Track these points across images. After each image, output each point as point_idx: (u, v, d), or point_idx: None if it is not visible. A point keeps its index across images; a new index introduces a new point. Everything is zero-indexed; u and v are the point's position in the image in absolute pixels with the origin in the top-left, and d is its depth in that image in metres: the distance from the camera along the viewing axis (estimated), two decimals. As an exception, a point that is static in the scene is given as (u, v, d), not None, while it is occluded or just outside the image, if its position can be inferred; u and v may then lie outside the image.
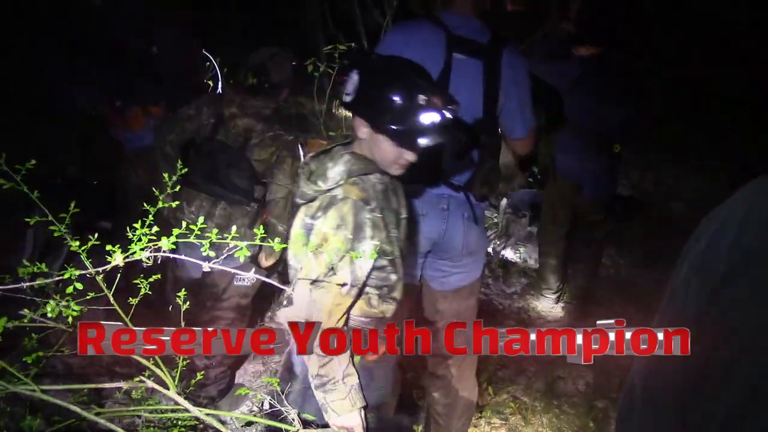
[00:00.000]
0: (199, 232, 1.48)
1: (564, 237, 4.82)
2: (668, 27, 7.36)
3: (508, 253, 5.74)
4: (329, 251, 1.89)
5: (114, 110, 3.65)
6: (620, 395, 1.26)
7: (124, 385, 1.81)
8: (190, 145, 3.16)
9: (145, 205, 1.65)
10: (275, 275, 2.88)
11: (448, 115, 1.95)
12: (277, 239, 1.48)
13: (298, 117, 6.88)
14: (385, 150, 2.00)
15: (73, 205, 1.61)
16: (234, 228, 1.51)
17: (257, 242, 1.45)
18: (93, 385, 1.94)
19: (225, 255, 1.48)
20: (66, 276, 1.46)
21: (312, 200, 2.03)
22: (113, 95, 3.66)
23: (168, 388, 1.73)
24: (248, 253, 1.44)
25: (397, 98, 1.90)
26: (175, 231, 1.49)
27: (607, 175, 4.58)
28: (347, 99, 1.98)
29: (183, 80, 3.44)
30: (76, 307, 1.49)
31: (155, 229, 1.52)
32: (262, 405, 1.98)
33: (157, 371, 1.76)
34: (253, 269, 3.10)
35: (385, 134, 1.96)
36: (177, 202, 3.01)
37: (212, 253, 1.44)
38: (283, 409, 1.81)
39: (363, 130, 2.00)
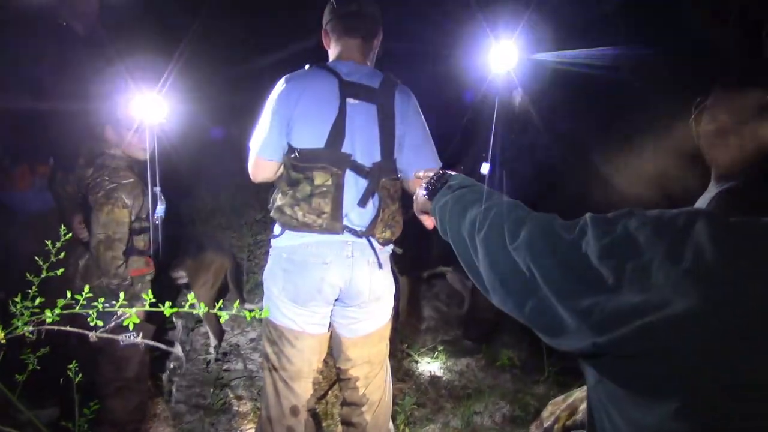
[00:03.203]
0: (84, 301, 1.41)
1: None
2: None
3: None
4: None
5: (1, 169, 3.51)
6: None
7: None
8: None
9: (28, 275, 1.57)
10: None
11: None
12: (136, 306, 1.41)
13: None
14: None
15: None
16: (122, 295, 1.44)
17: (147, 307, 1.39)
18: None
19: (113, 323, 1.41)
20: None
21: None
22: (1, 152, 3.53)
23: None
24: (137, 321, 1.38)
25: None
26: (60, 301, 1.42)
27: None
28: None
29: (73, 136, 3.33)
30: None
31: (39, 300, 1.45)
32: None
33: None
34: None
35: None
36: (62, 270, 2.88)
37: (99, 323, 1.38)
38: None
39: None
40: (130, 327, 1.35)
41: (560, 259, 1.12)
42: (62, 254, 1.65)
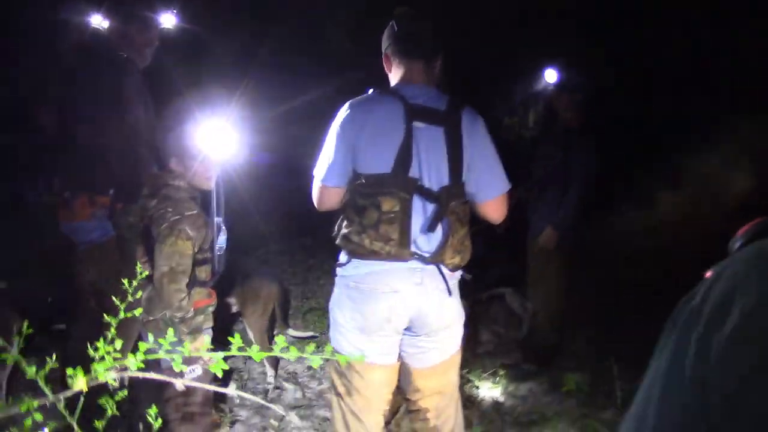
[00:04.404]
0: (168, 346, 1.35)
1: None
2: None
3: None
4: None
5: (62, 201, 3.53)
6: None
7: None
8: None
9: (106, 316, 1.51)
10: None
11: None
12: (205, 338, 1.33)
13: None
14: None
15: (25, 325, 1.46)
16: (206, 339, 1.38)
17: (235, 352, 1.32)
18: None
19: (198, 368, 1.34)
20: (23, 409, 1.31)
21: None
22: (61, 184, 3.55)
23: None
24: (226, 367, 1.32)
25: None
26: (142, 345, 1.35)
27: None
28: None
29: (135, 168, 3.33)
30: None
31: (119, 343, 1.39)
32: None
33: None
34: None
35: None
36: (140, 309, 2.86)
37: (184, 368, 1.31)
38: None
39: None
40: (219, 374, 1.29)
41: None
42: (139, 293, 1.59)
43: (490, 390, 4.58)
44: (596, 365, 4.64)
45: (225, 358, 1.36)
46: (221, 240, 3.01)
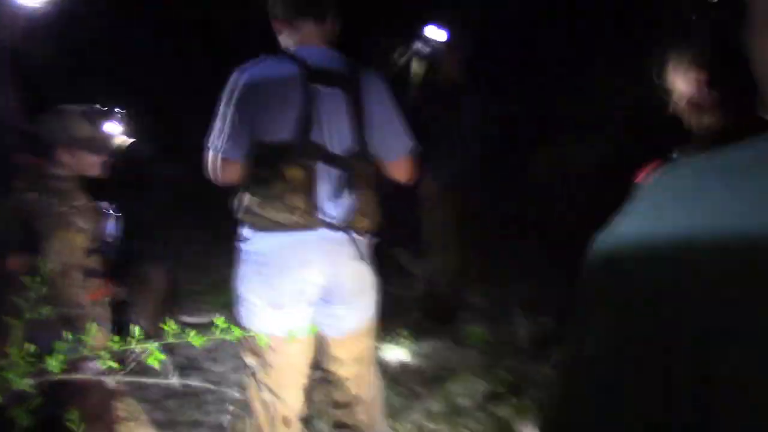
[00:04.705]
0: (90, 340, 1.22)
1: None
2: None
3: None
4: None
5: None
6: None
7: None
8: None
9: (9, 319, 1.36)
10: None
11: None
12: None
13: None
14: None
15: None
16: (137, 329, 1.26)
17: (171, 339, 1.21)
18: None
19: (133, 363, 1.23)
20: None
21: None
22: None
23: None
24: (162, 357, 1.21)
25: None
26: (60, 346, 1.22)
27: None
28: None
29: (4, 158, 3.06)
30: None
31: (32, 346, 1.25)
32: None
33: None
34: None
35: None
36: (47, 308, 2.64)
37: (115, 365, 1.19)
38: None
39: None
40: (156, 365, 1.18)
41: None
42: (44, 289, 1.45)
43: (393, 351, 4.59)
44: (499, 317, 4.75)
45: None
46: (112, 227, 2.83)
